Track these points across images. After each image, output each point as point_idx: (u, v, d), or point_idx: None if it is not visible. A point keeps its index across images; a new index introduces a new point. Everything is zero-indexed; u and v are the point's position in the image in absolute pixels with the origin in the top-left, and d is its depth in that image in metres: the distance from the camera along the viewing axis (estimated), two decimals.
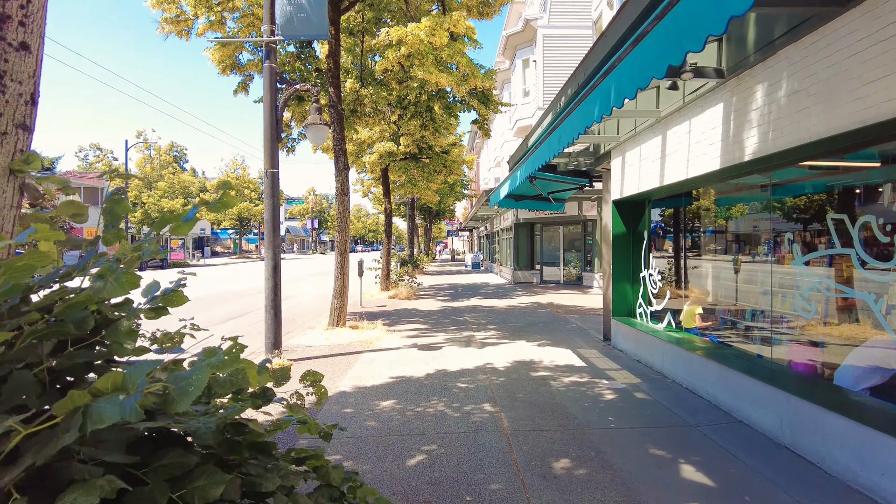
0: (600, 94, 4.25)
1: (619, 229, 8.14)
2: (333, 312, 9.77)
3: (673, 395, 5.67)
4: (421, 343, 8.79)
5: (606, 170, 8.96)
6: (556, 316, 11.84)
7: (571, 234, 19.53)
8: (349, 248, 9.86)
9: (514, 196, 10.37)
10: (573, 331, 9.85)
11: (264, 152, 7.82)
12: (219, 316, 12.54)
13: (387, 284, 16.57)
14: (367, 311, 12.99)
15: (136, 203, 39.79)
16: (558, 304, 14.13)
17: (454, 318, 11.59)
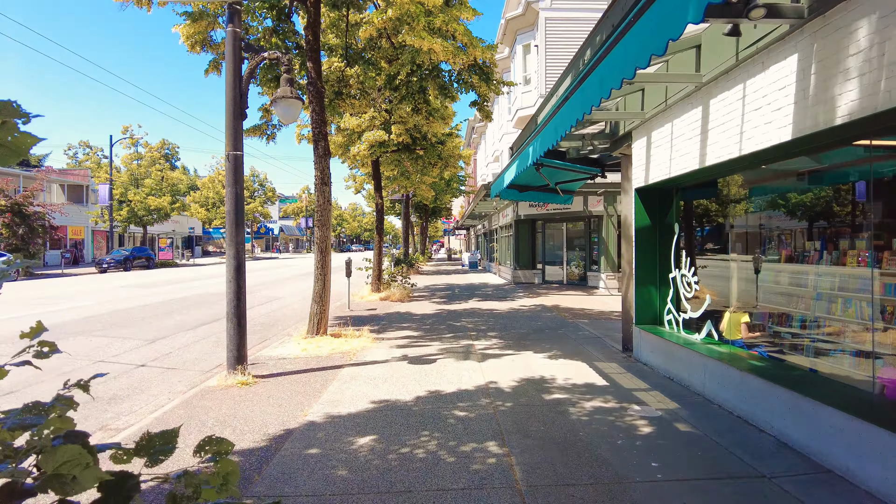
0: (639, 36, 3.09)
1: (642, 222, 6.97)
2: (313, 319, 8.57)
3: (726, 428, 4.50)
4: (412, 355, 7.60)
5: (625, 155, 7.79)
6: (563, 321, 10.67)
7: (575, 231, 18.37)
8: (331, 245, 8.67)
9: (518, 186, 9.19)
10: (586, 339, 8.68)
11: (226, 132, 6.62)
12: (192, 320, 11.32)
13: (378, 285, 15.38)
14: (354, 315, 11.79)
15: (123, 201, 38.40)
16: (564, 306, 12.96)
17: (450, 324, 10.40)
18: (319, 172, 8.45)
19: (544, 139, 6.03)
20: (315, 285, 8.60)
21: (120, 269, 32.26)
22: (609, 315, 11.49)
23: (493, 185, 8.46)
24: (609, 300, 14.34)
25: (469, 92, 9.98)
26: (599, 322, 10.44)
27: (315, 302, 8.56)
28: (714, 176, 5.71)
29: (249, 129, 10.98)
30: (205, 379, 6.95)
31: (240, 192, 6.57)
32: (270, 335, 10.22)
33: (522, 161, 7.20)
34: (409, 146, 14.98)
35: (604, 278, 16.24)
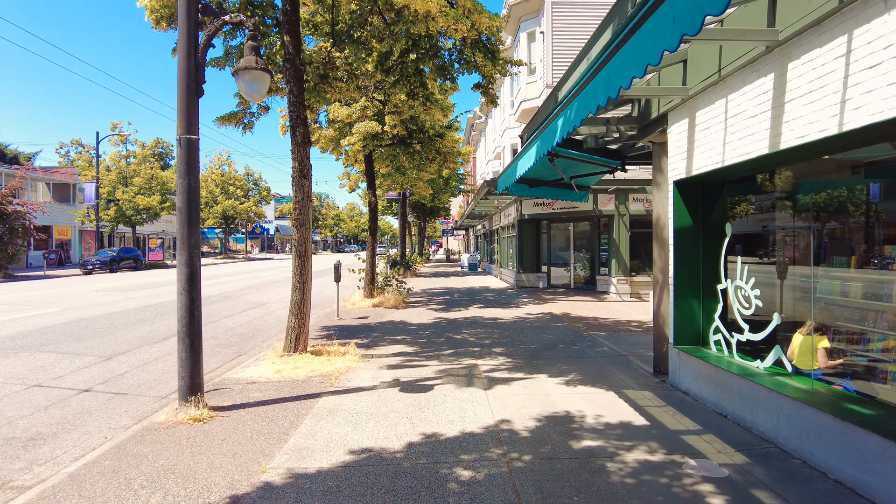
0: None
1: (683, 222, 5.78)
2: (290, 334, 7.36)
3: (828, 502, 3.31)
4: (405, 378, 6.40)
5: (658, 143, 6.61)
6: (577, 333, 9.48)
7: (584, 231, 17.19)
8: (311, 248, 7.46)
9: (528, 181, 8.01)
10: (607, 358, 7.49)
11: (178, 111, 5.42)
12: (162, 331, 10.09)
13: (371, 290, 14.18)
14: (343, 325, 10.59)
15: (111, 200, 37.12)
16: (575, 315, 11.77)
17: (450, 337, 9.20)
18: (298, 163, 7.25)
19: (564, 123, 4.86)
20: (293, 295, 7.40)
21: (105, 271, 31.01)
22: (627, 326, 10.31)
23: (501, 179, 7.27)
24: (622, 307, 13.16)
25: (472, 73, 8.79)
26: (618, 335, 9.25)
27: (293, 314, 7.36)
28: (791, 162, 4.52)
29: (225, 116, 9.78)
30: (157, 409, 5.78)
31: (194, 185, 5.37)
32: (248, 348, 9.05)
33: (535, 150, 6.03)
34: (404, 140, 13.78)
35: (615, 283, 15.06)
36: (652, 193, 6.73)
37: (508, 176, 7.01)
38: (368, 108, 12.22)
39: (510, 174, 7.02)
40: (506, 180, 7.07)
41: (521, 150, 7.14)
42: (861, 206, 4.21)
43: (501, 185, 7.19)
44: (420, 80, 8.87)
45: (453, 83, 8.46)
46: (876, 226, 4.11)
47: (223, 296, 16.86)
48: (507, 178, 6.92)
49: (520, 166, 6.94)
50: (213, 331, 10.57)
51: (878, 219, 4.09)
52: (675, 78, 5.73)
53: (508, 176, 7.01)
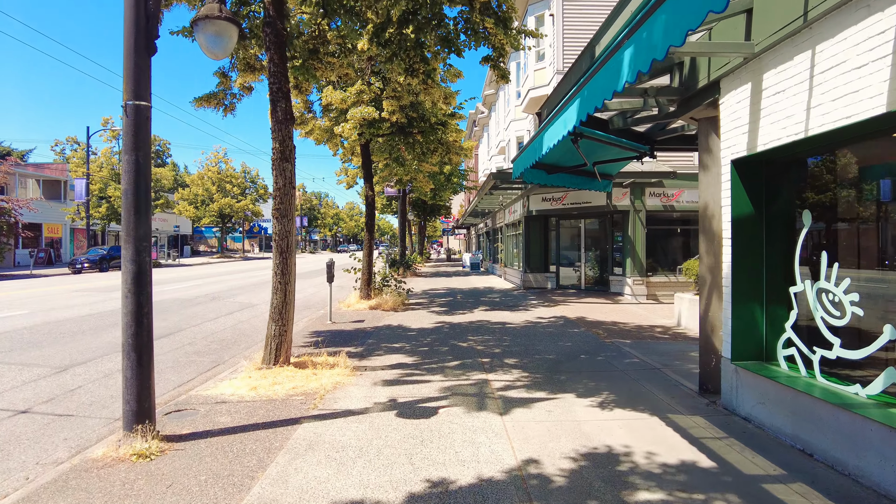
0: None
1: (742, 210, 4.73)
2: (270, 343, 6.32)
3: None
4: (403, 399, 5.36)
5: (704, 119, 5.57)
6: (598, 340, 8.44)
7: (595, 228, 16.14)
8: (295, 243, 6.41)
9: (546, 166, 6.97)
10: (639, 371, 6.44)
11: (124, 72, 4.37)
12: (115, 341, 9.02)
13: (368, 291, 13.13)
14: (335, 330, 9.54)
15: (102, 197, 36.07)
16: (591, 319, 10.73)
17: (454, 345, 8.15)
18: (279, 144, 6.20)
19: (592, 95, 3.86)
20: (273, 298, 6.36)
21: (95, 270, 29.99)
22: (651, 332, 9.27)
23: (517, 163, 6.23)
24: (640, 311, 12.11)
25: (479, 47, 7.75)
26: (645, 344, 8.20)
27: (273, 321, 6.31)
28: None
29: (203, 97, 8.73)
30: (104, 435, 4.76)
31: (143, 162, 4.33)
32: (228, 356, 8.03)
33: (556, 129, 5.00)
34: (404, 128, 12.74)
35: (630, 284, 14.01)
36: (701, 177, 5.67)
37: (525, 158, 5.96)
38: (365, 92, 11.17)
39: (527, 156, 5.97)
40: (522, 164, 6.02)
41: (540, 130, 6.10)
42: None
43: (517, 169, 6.14)
44: (420, 53, 7.83)
45: (459, 55, 7.41)
46: None
47: (211, 296, 15.82)
48: (524, 161, 5.88)
49: (538, 148, 5.90)
50: (192, 336, 9.54)
51: None
52: (732, 33, 4.69)
53: (525, 158, 5.96)
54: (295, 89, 9.81)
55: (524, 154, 6.01)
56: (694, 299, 9.28)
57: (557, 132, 5.21)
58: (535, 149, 5.98)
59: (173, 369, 7.25)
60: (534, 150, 6.02)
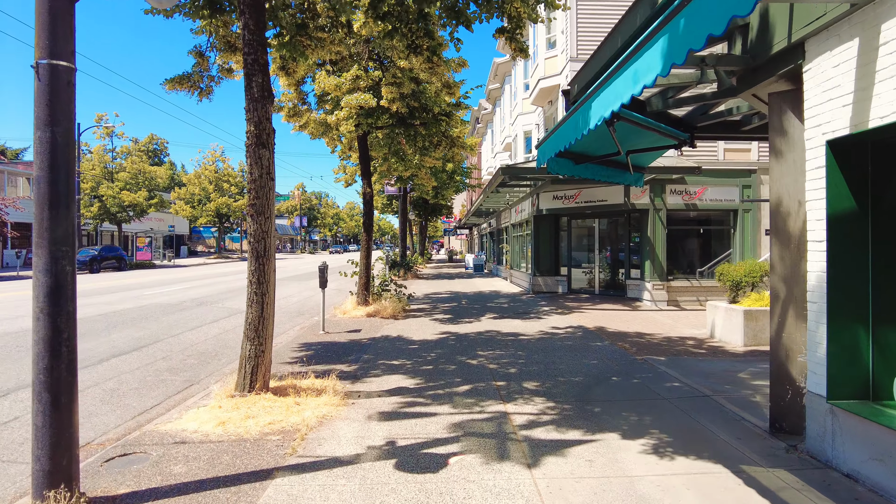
0: None
1: (842, 205, 3.66)
2: (245, 366, 5.26)
3: None
4: (403, 442, 4.30)
5: (778, 93, 4.50)
6: (626, 357, 7.38)
7: (611, 228, 15.07)
8: (273, 245, 5.34)
9: (573, 155, 5.91)
10: (687, 400, 5.37)
11: (36, 21, 3.33)
12: (102, 350, 8.00)
13: (366, 296, 12.08)
14: (328, 342, 8.49)
15: (95, 196, 35.01)
16: (613, 330, 9.66)
17: (463, 363, 7.10)
18: (254, 126, 5.14)
19: (648, 64, 2.92)
20: (248, 312, 5.30)
21: (85, 271, 29.00)
22: (683, 345, 8.21)
23: (541, 150, 5.18)
24: (664, 319, 11.05)
25: (492, 19, 6.70)
26: (682, 361, 7.14)
27: (248, 339, 5.25)
28: None
29: (175, 79, 7.65)
30: (22, 492, 3.73)
31: (62, 141, 3.28)
32: (203, 375, 7.00)
33: (593, 110, 3.99)
34: (404, 119, 11.68)
35: (649, 288, 12.94)
36: (774, 164, 4.59)
37: (552, 145, 4.91)
38: (361, 78, 10.12)
39: (554, 143, 4.92)
40: (548, 150, 4.96)
41: (570, 112, 5.05)
42: None
43: (543, 156, 5.08)
44: (424, 27, 6.78)
45: (468, 26, 6.35)
46: None
47: (198, 301, 14.78)
48: (550, 148, 4.82)
49: (568, 133, 4.85)
50: (168, 348, 8.51)
51: None
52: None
53: (552, 145, 4.91)
54: (281, 71, 8.76)
55: (551, 140, 4.96)
56: (732, 308, 8.22)
57: (594, 114, 4.20)
58: (565, 134, 4.93)
59: (137, 392, 6.21)
60: (563, 136, 4.97)
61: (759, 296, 8.24)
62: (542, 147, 5.15)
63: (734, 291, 8.80)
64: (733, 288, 8.78)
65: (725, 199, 13.19)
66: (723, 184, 13.16)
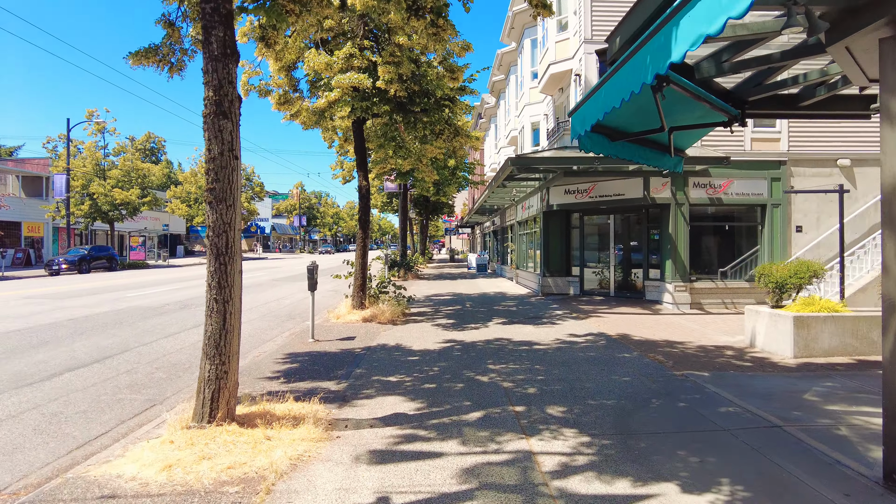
0: None
1: None
2: (204, 390, 4.23)
3: None
4: (399, 497, 3.26)
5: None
6: (663, 371, 6.33)
7: (628, 225, 14.00)
8: (238, 241, 4.29)
9: (609, 129, 4.87)
10: (749, 429, 4.32)
11: None
12: (57, 363, 6.98)
13: (362, 299, 11.04)
14: (317, 352, 7.46)
15: (87, 194, 33.96)
16: (639, 337, 8.62)
17: (471, 380, 6.05)
18: (213, 91, 4.10)
19: None
20: (207, 324, 4.27)
21: (74, 272, 27.98)
22: (723, 356, 7.17)
23: (575, 118, 4.14)
24: (690, 324, 10.00)
25: None
26: (729, 377, 6.09)
27: (207, 358, 4.22)
28: None
29: (141, 52, 6.61)
30: None
31: None
32: (169, 394, 6.03)
33: (637, 70, 3.02)
34: (404, 105, 10.64)
35: (670, 290, 11.89)
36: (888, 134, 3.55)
37: (588, 113, 3.88)
38: (355, 56, 9.07)
39: (590, 111, 3.88)
40: (584, 120, 3.91)
41: (612, 71, 4.00)
42: None
43: (577, 126, 4.03)
44: None
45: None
46: None
47: (183, 304, 13.75)
48: (586, 117, 3.77)
49: (606, 98, 3.81)
50: (136, 359, 7.49)
51: None
52: None
53: (588, 113, 3.88)
54: (262, 42, 7.71)
55: (588, 105, 3.92)
56: (778, 314, 7.17)
57: (638, 75, 3.23)
58: (602, 100, 3.90)
59: (84, 417, 5.19)
60: (600, 102, 3.93)
61: (809, 300, 7.20)
62: (578, 114, 4.09)
63: (777, 294, 7.75)
64: (776, 290, 7.74)
65: (753, 193, 12.14)
66: (750, 176, 12.10)
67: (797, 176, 12.13)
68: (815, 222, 12.09)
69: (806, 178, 12.09)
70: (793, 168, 12.14)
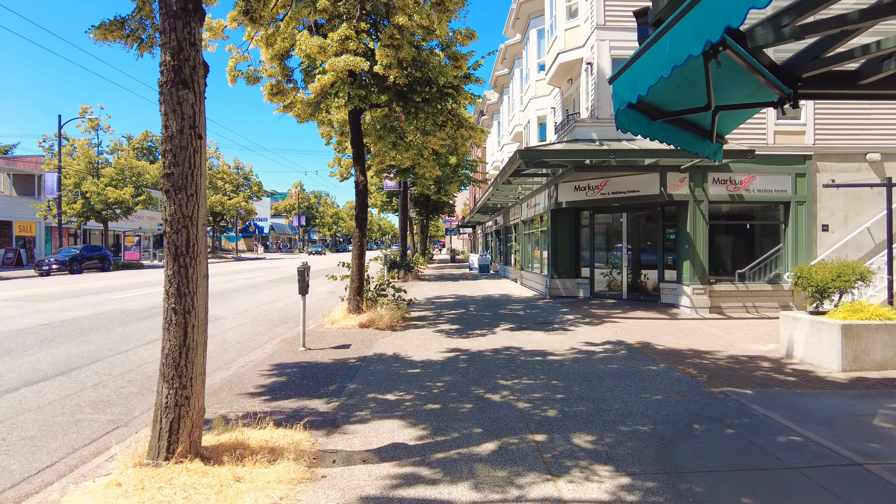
0: None
1: None
2: (160, 419, 3.48)
3: None
4: None
5: None
6: (697, 388, 5.57)
7: (642, 223, 13.24)
8: (201, 240, 3.54)
9: (649, 107, 4.12)
10: (825, 471, 3.56)
11: None
12: (15, 375, 6.21)
13: (359, 302, 10.28)
14: (306, 363, 6.69)
15: (77, 192, 33.17)
16: (661, 346, 7.86)
17: (481, 399, 5.29)
18: (171, 55, 3.34)
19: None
20: (164, 339, 3.52)
21: (66, 272, 27.23)
22: (759, 368, 6.41)
23: (620, 83, 3.38)
24: (712, 330, 9.25)
25: None
26: (773, 394, 5.33)
27: (164, 380, 3.47)
28: None
29: (107, 25, 5.86)
30: None
31: None
32: (137, 412, 5.39)
33: (691, 31, 2.27)
34: (404, 93, 9.88)
35: (688, 293, 11.13)
36: None
37: (633, 80, 3.13)
38: (351, 39, 8.32)
39: (636, 77, 3.14)
40: (628, 88, 3.15)
41: (660, 32, 3.24)
42: None
43: (625, 91, 3.27)
44: None
45: None
46: None
47: None
48: (640, 78, 3.02)
49: (656, 60, 3.07)
50: (106, 371, 6.75)
51: None
52: None
53: (633, 80, 3.13)
54: (245, 17, 6.98)
55: (634, 69, 3.16)
56: (822, 322, 6.41)
57: (691, 38, 2.49)
58: (650, 67, 3.16)
59: (29, 445, 4.43)
60: (647, 68, 3.18)
61: (856, 306, 6.44)
62: (623, 79, 3.32)
63: (817, 299, 7.00)
64: (816, 295, 6.98)
65: (776, 190, 11.38)
66: (773, 171, 11.34)
67: (823, 171, 11.38)
68: (842, 221, 11.33)
69: (832, 174, 11.33)
70: (818, 163, 11.38)
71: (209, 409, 5.12)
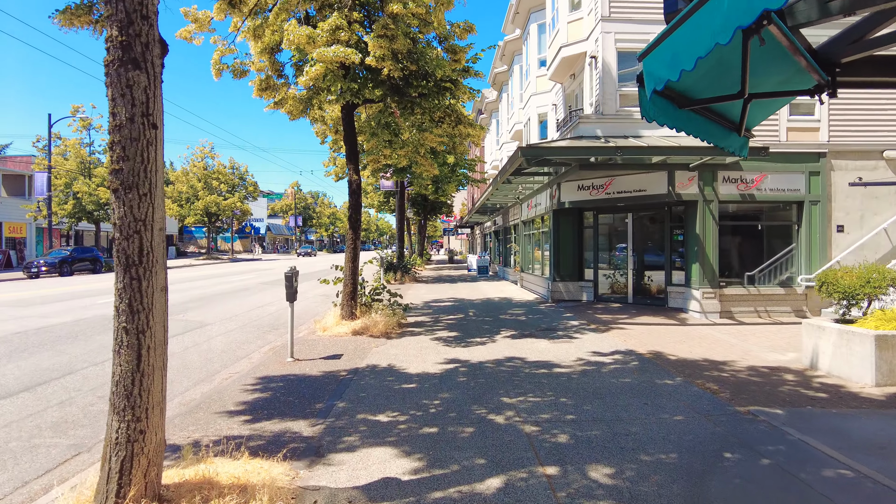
0: None
1: None
2: (110, 457, 2.95)
3: None
4: None
5: None
6: (720, 405, 5.06)
7: (648, 224, 12.75)
8: (161, 247, 3.02)
9: (676, 94, 3.62)
10: None
11: None
12: None
13: (353, 308, 9.76)
14: (294, 377, 6.16)
15: (69, 192, 32.57)
16: (674, 356, 7.36)
17: (483, 420, 4.78)
18: (118, 29, 2.82)
19: None
20: (115, 361, 3.00)
21: (55, 274, 26.63)
22: (785, 381, 5.91)
23: (651, 60, 2.88)
24: (725, 337, 8.76)
25: None
26: (806, 414, 4.83)
27: (115, 412, 2.95)
28: None
29: (70, 9, 5.33)
30: None
31: None
32: (102, 436, 4.75)
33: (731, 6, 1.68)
34: (399, 88, 9.37)
35: (698, 297, 10.64)
36: None
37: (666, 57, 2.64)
38: (342, 29, 7.79)
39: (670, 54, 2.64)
40: (679, 57, 2.62)
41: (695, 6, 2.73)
42: None
43: (661, 68, 2.76)
44: None
45: None
46: None
47: None
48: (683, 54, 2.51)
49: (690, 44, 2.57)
50: (77, 385, 6.23)
51: None
52: None
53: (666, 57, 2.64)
54: (229, 6, 6.47)
55: (669, 43, 2.66)
56: (852, 332, 5.92)
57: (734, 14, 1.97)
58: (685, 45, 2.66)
59: None
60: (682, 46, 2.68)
61: (889, 314, 5.95)
62: (656, 55, 2.81)
63: (844, 306, 6.51)
64: (843, 302, 6.49)
65: (789, 189, 10.90)
66: (785, 170, 10.86)
67: (838, 170, 10.90)
68: (857, 221, 10.85)
69: (848, 173, 10.86)
70: (833, 161, 10.90)
71: (182, 432, 4.61)
